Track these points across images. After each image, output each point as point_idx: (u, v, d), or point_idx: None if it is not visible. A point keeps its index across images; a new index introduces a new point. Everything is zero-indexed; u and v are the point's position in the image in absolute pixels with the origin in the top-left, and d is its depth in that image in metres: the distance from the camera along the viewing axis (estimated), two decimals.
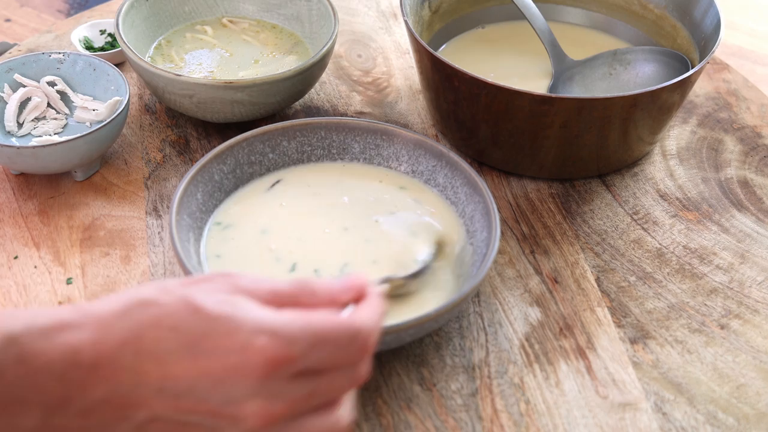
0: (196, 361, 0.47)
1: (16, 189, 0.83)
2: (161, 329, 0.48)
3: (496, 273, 0.77)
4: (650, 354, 0.71)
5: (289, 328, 0.48)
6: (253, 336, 0.47)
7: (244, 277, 0.52)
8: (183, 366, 0.47)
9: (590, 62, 0.92)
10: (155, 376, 0.47)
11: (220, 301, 0.49)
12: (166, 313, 0.48)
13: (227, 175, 0.76)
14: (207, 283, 0.51)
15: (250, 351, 0.47)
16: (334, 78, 0.98)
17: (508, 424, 0.66)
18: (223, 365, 0.47)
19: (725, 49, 1.07)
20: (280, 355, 0.48)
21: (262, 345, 0.47)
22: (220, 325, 0.48)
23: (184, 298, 0.49)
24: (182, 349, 0.47)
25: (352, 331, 0.50)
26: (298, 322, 0.49)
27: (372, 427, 0.65)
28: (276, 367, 0.48)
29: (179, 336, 0.47)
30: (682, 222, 0.83)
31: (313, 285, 0.53)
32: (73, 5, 1.13)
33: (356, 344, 0.50)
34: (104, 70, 0.87)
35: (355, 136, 0.80)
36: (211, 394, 0.48)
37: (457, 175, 0.76)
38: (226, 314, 0.48)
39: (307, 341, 0.48)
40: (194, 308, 0.48)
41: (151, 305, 0.48)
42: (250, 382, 0.47)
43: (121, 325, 0.48)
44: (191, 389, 0.47)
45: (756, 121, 0.95)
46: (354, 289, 0.54)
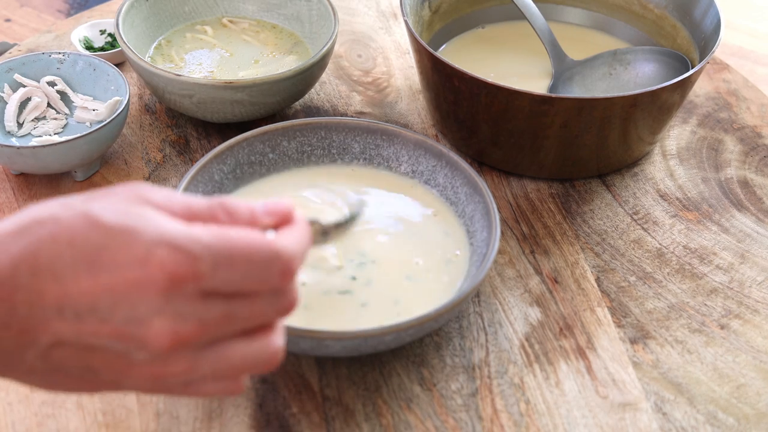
0: (95, 276, 0.44)
1: (16, 189, 0.83)
2: (58, 245, 0.44)
3: (496, 273, 0.77)
4: (650, 354, 0.71)
5: (194, 241, 0.44)
6: (152, 247, 0.44)
7: (157, 190, 0.48)
8: (82, 283, 0.44)
9: (590, 62, 0.92)
10: (54, 295, 0.44)
11: (120, 212, 0.45)
12: (62, 228, 0.44)
13: (227, 175, 0.76)
14: (111, 196, 0.47)
15: (149, 264, 0.43)
16: (334, 78, 0.98)
17: (508, 424, 0.66)
18: (123, 280, 0.43)
19: (725, 49, 1.07)
20: (183, 269, 0.44)
21: (161, 258, 0.43)
22: (119, 236, 0.44)
23: (84, 213, 0.45)
24: (80, 264, 0.44)
25: (270, 253, 0.46)
26: (206, 235, 0.45)
27: (372, 427, 0.65)
28: (179, 282, 0.44)
29: (76, 251, 0.44)
30: (682, 222, 0.83)
31: (232, 203, 0.48)
32: (73, 5, 1.13)
33: (275, 267, 0.46)
34: (104, 70, 0.87)
35: (355, 136, 0.80)
36: (114, 313, 0.44)
37: (457, 175, 0.76)
38: (125, 225, 0.44)
39: (213, 256, 0.44)
40: (92, 221, 0.44)
41: (47, 221, 0.45)
42: (152, 299, 0.44)
43: (16, 244, 0.44)
44: (92, 308, 0.44)
45: (756, 121, 0.95)
46: (278, 213, 0.50)
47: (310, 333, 0.62)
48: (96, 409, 0.66)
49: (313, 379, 0.68)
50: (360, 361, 0.70)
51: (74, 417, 0.65)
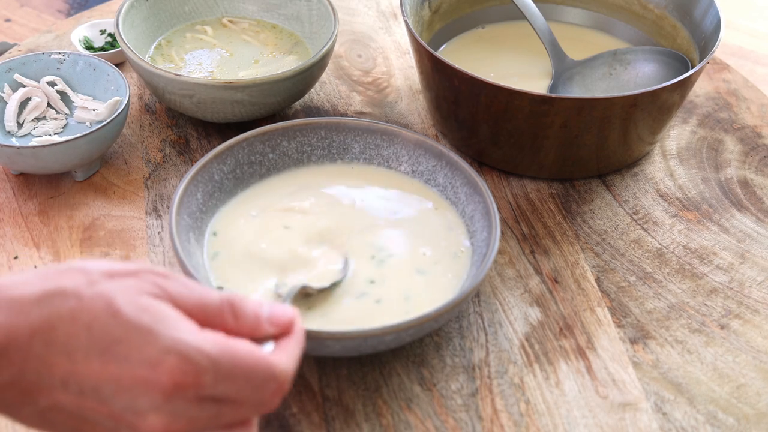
0: (105, 364, 0.47)
1: (16, 189, 0.83)
2: (76, 325, 0.47)
3: (496, 273, 0.77)
4: (650, 354, 0.71)
5: (202, 354, 0.48)
6: (164, 354, 0.48)
7: (174, 280, 0.51)
8: (91, 366, 0.47)
9: (590, 62, 0.92)
10: (62, 370, 0.47)
11: (140, 308, 0.48)
12: (83, 309, 0.47)
13: (227, 175, 0.76)
14: (133, 280, 0.50)
15: (159, 368, 0.47)
16: (334, 78, 0.98)
17: (508, 424, 0.66)
18: (130, 375, 0.47)
19: (725, 49, 1.07)
20: (188, 379, 0.48)
21: (171, 366, 0.48)
22: (136, 334, 0.48)
23: (106, 297, 0.48)
24: (93, 349, 0.47)
25: (268, 373, 0.50)
26: (214, 349, 0.49)
27: (372, 427, 0.65)
28: (182, 389, 0.48)
29: (93, 336, 0.47)
30: (682, 222, 0.83)
31: (240, 307, 0.53)
32: (73, 5, 1.13)
33: (270, 386, 0.51)
34: (104, 70, 0.87)
35: (355, 136, 0.80)
36: (115, 399, 0.48)
37: (457, 175, 0.76)
38: (143, 325, 0.48)
39: (217, 371, 0.49)
40: (113, 311, 0.48)
41: (70, 297, 0.48)
42: (154, 398, 0.48)
43: (36, 313, 0.47)
44: (95, 390, 0.48)
45: (756, 121, 0.95)
46: (281, 324, 0.54)
47: (310, 333, 0.62)
48: None
49: (313, 379, 0.68)
50: (360, 361, 0.70)
51: None
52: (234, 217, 0.75)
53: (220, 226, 0.75)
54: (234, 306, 0.53)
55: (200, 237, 0.73)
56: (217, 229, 0.74)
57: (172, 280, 0.51)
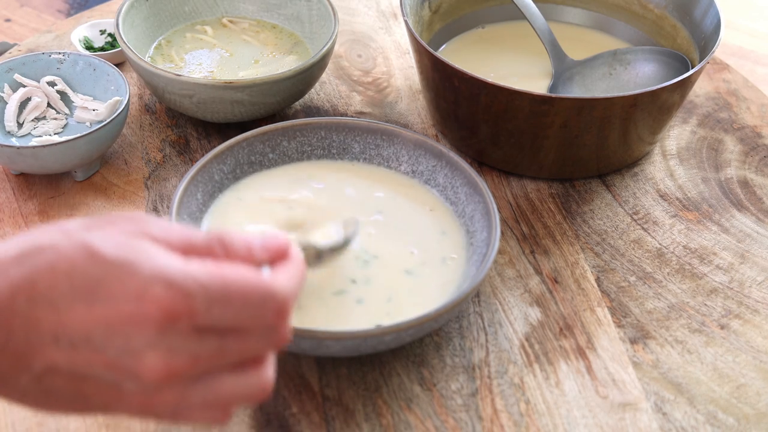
0: (90, 308, 0.44)
1: (16, 189, 0.83)
2: (56, 274, 0.45)
3: (496, 273, 0.77)
4: (650, 354, 0.71)
5: (190, 278, 0.45)
6: (148, 284, 0.44)
7: (156, 222, 0.48)
8: (78, 313, 0.44)
9: (590, 62, 0.92)
10: (50, 323, 0.45)
11: (119, 244, 0.45)
12: (61, 257, 0.45)
13: (227, 175, 0.77)
14: (111, 227, 0.47)
15: (145, 299, 0.44)
16: (334, 78, 0.98)
17: (508, 424, 0.66)
18: (118, 313, 0.44)
19: (725, 49, 1.07)
20: (177, 306, 0.44)
21: (157, 294, 0.44)
22: (117, 270, 0.45)
23: (83, 242, 0.45)
24: (77, 295, 0.44)
25: (265, 292, 0.47)
26: (202, 273, 0.45)
27: (372, 427, 0.65)
28: (173, 318, 0.45)
29: (74, 281, 0.45)
30: (682, 222, 0.83)
31: (229, 238, 0.49)
32: (73, 5, 1.13)
33: (269, 307, 0.47)
34: (104, 70, 0.87)
35: (355, 136, 0.80)
36: (108, 344, 0.45)
37: (457, 175, 0.76)
38: (123, 258, 0.45)
39: (208, 294, 0.45)
40: (91, 252, 0.45)
41: (47, 249, 0.45)
42: (146, 333, 0.44)
43: (15, 271, 0.45)
44: (87, 338, 0.45)
45: (756, 121, 0.95)
46: (274, 249, 0.50)
47: (310, 333, 0.62)
48: None
49: (313, 379, 0.68)
50: (360, 361, 0.70)
51: (74, 417, 0.65)
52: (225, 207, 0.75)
53: (213, 219, 0.75)
54: (223, 239, 0.49)
55: None
56: (211, 225, 0.74)
57: (150, 221, 0.48)
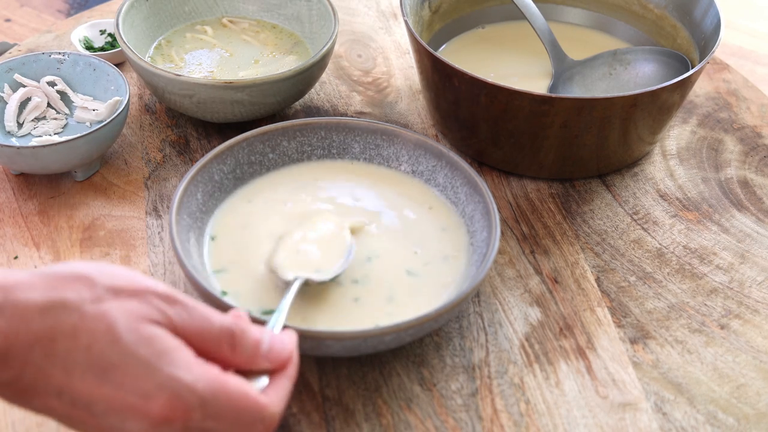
0: (100, 385, 0.50)
1: (16, 189, 0.83)
2: (76, 343, 0.49)
3: (496, 273, 0.77)
4: (650, 354, 0.71)
5: (194, 394, 0.50)
6: (158, 390, 0.50)
7: (178, 305, 0.53)
8: (86, 384, 0.50)
9: (590, 62, 0.92)
10: (58, 381, 0.49)
11: (140, 338, 0.50)
12: (85, 328, 0.50)
13: (227, 175, 0.77)
14: (137, 302, 0.52)
15: (151, 401, 0.50)
16: (334, 78, 0.98)
17: (508, 424, 0.66)
18: (122, 400, 0.50)
19: (725, 49, 1.07)
20: (176, 415, 0.50)
21: (162, 401, 0.50)
22: (133, 364, 0.50)
23: (107, 320, 0.50)
24: (90, 369, 0.50)
25: (256, 415, 0.52)
26: (206, 389, 0.51)
27: (372, 427, 0.65)
28: (170, 422, 0.50)
29: (91, 357, 0.49)
30: (682, 222, 0.83)
31: (240, 339, 0.54)
32: (73, 5, 1.13)
33: (257, 427, 0.53)
34: (104, 70, 0.87)
35: (355, 136, 0.80)
36: (105, 417, 0.50)
37: (457, 175, 0.76)
38: (141, 357, 0.50)
39: (205, 410, 0.51)
40: (114, 337, 0.50)
41: (73, 312, 0.50)
42: (142, 424, 0.50)
43: (38, 323, 0.49)
44: (88, 405, 0.50)
45: (756, 121, 0.95)
46: (277, 361, 0.56)
47: (310, 333, 0.62)
48: None
49: (313, 379, 0.68)
50: (360, 361, 0.70)
51: None
52: (231, 210, 0.76)
53: (218, 227, 0.75)
54: (233, 338, 0.54)
55: (200, 237, 0.73)
56: (215, 232, 0.74)
57: (175, 305, 0.53)
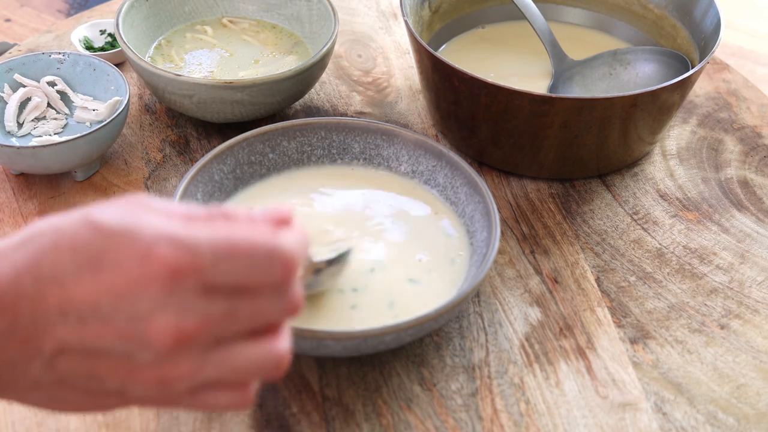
0: (96, 277, 0.44)
1: (16, 189, 0.83)
2: (60, 250, 0.44)
3: (496, 273, 0.77)
4: (650, 354, 0.72)
5: (194, 235, 0.44)
6: (153, 243, 0.44)
7: (155, 198, 0.48)
8: (84, 285, 0.44)
9: (590, 62, 0.92)
10: (56, 299, 0.44)
11: (120, 215, 0.45)
12: (64, 234, 0.45)
13: (227, 175, 0.77)
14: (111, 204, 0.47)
15: (150, 259, 0.43)
16: (334, 78, 0.98)
17: (508, 424, 0.66)
18: (124, 278, 0.44)
19: (725, 49, 1.07)
20: (183, 262, 0.44)
21: (162, 252, 0.44)
22: (120, 237, 0.44)
23: (84, 218, 0.45)
24: (82, 267, 0.44)
25: (271, 247, 0.46)
26: (205, 231, 0.45)
27: (372, 427, 0.65)
28: (180, 276, 0.44)
29: (78, 254, 0.44)
30: (682, 222, 0.83)
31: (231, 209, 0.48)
32: (73, 5, 1.13)
33: (277, 262, 0.46)
34: (104, 70, 0.87)
35: (355, 136, 0.80)
36: (116, 312, 0.44)
37: (457, 175, 0.76)
38: (126, 226, 0.44)
39: (214, 250, 0.44)
40: (93, 225, 0.44)
41: (49, 231, 0.45)
42: (153, 294, 0.44)
43: (18, 254, 0.45)
44: (94, 309, 0.44)
45: (756, 121, 0.95)
46: (277, 218, 0.49)
47: (310, 333, 0.62)
48: None
49: (313, 379, 0.68)
50: (360, 361, 0.70)
51: (74, 417, 0.65)
52: None
53: None
54: (225, 212, 0.48)
55: None
56: None
57: (154, 198, 0.48)
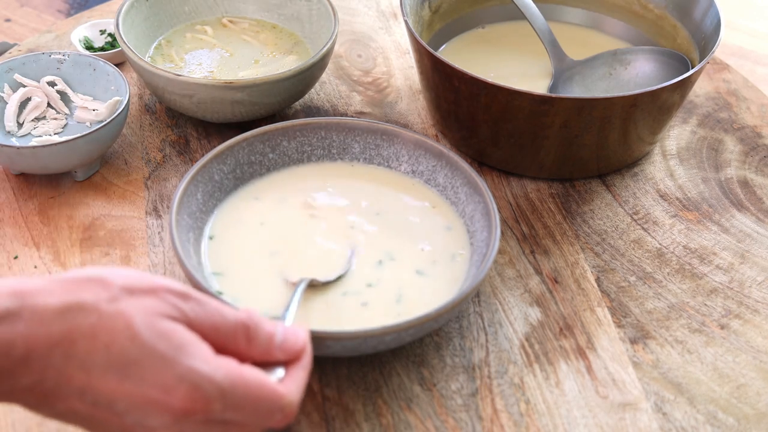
0: (120, 382, 0.50)
1: (16, 189, 0.83)
2: (95, 342, 0.50)
3: (496, 273, 0.77)
4: (650, 354, 0.71)
5: (214, 385, 0.51)
6: (178, 382, 0.50)
7: (191, 300, 0.54)
8: (107, 382, 0.50)
9: (590, 62, 0.92)
10: (80, 382, 0.50)
11: (158, 333, 0.51)
12: (103, 327, 0.50)
13: (227, 175, 0.77)
14: (152, 300, 0.52)
15: (171, 394, 0.50)
16: (334, 78, 0.98)
17: (508, 424, 0.66)
18: (144, 395, 0.50)
19: (725, 49, 1.07)
20: (197, 407, 0.51)
21: (183, 393, 0.50)
22: (152, 359, 0.50)
23: (125, 317, 0.50)
24: (111, 367, 0.50)
25: (276, 405, 0.53)
26: (225, 380, 0.51)
27: (372, 427, 0.65)
28: (191, 414, 0.51)
29: (111, 355, 0.50)
30: (682, 222, 0.83)
31: (254, 332, 0.55)
32: (73, 5, 1.13)
33: (277, 415, 0.54)
34: (104, 70, 0.87)
35: (355, 136, 0.80)
36: (127, 414, 0.51)
37: (457, 175, 0.76)
38: (160, 351, 0.51)
39: (225, 401, 0.51)
40: (132, 334, 0.50)
41: (90, 313, 0.50)
42: (164, 418, 0.51)
43: (57, 326, 0.49)
44: (110, 403, 0.50)
45: (756, 121, 0.95)
46: (291, 352, 0.57)
47: (310, 333, 0.62)
48: None
49: (313, 379, 0.68)
50: (360, 361, 0.70)
51: None
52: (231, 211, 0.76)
53: (218, 227, 0.75)
54: (248, 330, 0.55)
55: (200, 237, 0.73)
56: (214, 232, 0.74)
57: (189, 301, 0.54)
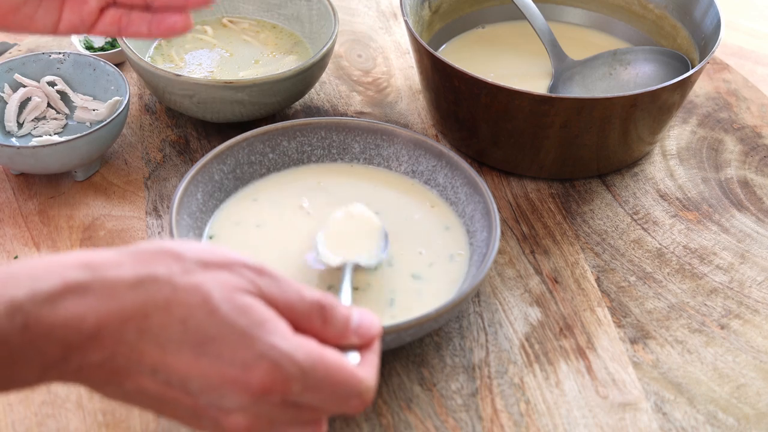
0: (196, 359, 0.47)
1: (16, 189, 0.83)
2: (170, 316, 0.47)
3: (496, 273, 0.77)
4: (650, 354, 0.72)
5: (295, 364, 0.49)
6: (258, 359, 0.48)
7: (267, 276, 0.51)
8: (182, 359, 0.47)
9: (590, 62, 0.92)
10: (153, 358, 0.47)
11: (237, 309, 0.48)
12: (178, 300, 0.48)
13: (227, 175, 0.77)
14: (228, 274, 0.50)
15: (251, 372, 0.48)
16: (334, 78, 0.98)
17: (508, 424, 0.66)
18: (221, 374, 0.48)
19: (725, 49, 1.07)
20: (276, 386, 0.48)
21: (263, 371, 0.48)
22: (231, 335, 0.48)
23: (202, 291, 0.48)
24: (186, 343, 0.47)
25: (354, 389, 0.51)
26: (306, 360, 0.49)
27: (372, 427, 0.65)
28: (269, 394, 0.48)
29: (187, 330, 0.47)
30: (682, 222, 0.83)
31: (330, 313, 0.53)
32: None
33: (354, 401, 0.51)
34: (104, 70, 0.87)
35: (355, 136, 0.80)
36: (202, 394, 0.48)
37: (457, 175, 0.76)
38: (240, 327, 0.48)
39: (305, 381, 0.49)
40: (210, 308, 0.48)
41: (164, 285, 0.48)
42: (241, 398, 0.48)
43: (130, 299, 0.47)
44: (183, 382, 0.48)
45: (756, 121, 0.95)
46: (366, 337, 0.54)
47: None
48: (96, 409, 0.65)
49: None
50: None
51: (74, 417, 0.65)
52: (231, 211, 0.76)
53: (217, 227, 0.75)
54: (324, 311, 0.52)
55: (200, 237, 0.73)
56: (214, 231, 0.74)
57: (265, 277, 0.51)
